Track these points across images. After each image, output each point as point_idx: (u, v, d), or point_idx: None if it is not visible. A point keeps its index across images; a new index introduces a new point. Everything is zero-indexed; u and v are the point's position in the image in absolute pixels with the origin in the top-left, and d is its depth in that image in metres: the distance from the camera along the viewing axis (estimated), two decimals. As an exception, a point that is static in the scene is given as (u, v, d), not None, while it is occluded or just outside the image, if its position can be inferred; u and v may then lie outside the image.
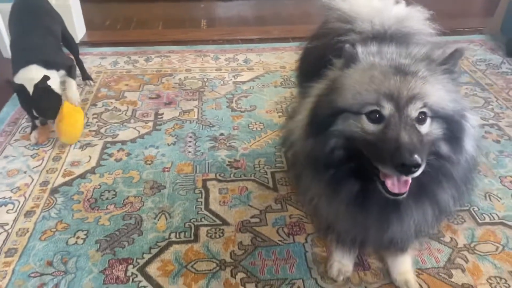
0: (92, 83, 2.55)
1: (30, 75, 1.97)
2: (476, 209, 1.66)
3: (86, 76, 2.56)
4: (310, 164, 1.09)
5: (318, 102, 1.06)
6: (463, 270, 1.42)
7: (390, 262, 1.40)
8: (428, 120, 0.96)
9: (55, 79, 2.07)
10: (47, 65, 2.06)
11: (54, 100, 2.02)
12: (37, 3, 2.31)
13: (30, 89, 1.93)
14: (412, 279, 1.37)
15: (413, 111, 0.94)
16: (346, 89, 0.99)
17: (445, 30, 1.44)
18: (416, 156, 0.87)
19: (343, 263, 1.41)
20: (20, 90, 1.95)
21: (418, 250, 1.47)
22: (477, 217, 1.62)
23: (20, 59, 2.05)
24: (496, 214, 1.64)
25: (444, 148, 1.00)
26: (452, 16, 3.54)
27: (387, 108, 0.94)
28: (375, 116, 0.95)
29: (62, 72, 2.18)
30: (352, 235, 1.21)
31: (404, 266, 1.38)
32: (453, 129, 0.99)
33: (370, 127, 0.95)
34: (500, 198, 1.70)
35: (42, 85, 1.94)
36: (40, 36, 2.16)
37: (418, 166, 0.88)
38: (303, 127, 1.09)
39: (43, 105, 1.98)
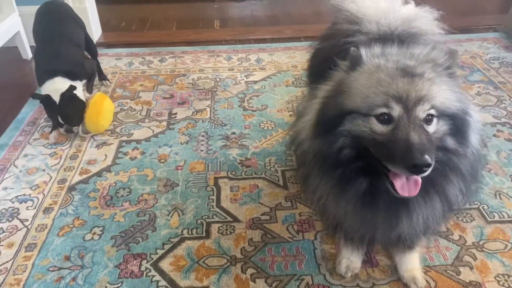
0: (108, 83, 2.62)
1: (56, 86, 2.06)
2: (485, 207, 1.66)
3: (102, 77, 2.62)
4: (318, 164, 1.12)
5: (325, 103, 1.08)
6: (471, 268, 1.43)
7: (397, 259, 1.42)
8: (435, 120, 0.99)
9: (79, 88, 2.15)
10: (72, 76, 2.14)
11: (80, 108, 2.10)
12: (62, 11, 2.35)
13: (56, 99, 2.03)
14: (419, 276, 1.38)
15: (421, 112, 0.97)
16: (354, 92, 1.02)
17: (458, 28, 1.44)
18: (426, 156, 0.91)
19: (351, 260, 1.43)
20: (46, 100, 2.04)
21: (426, 247, 1.49)
22: (486, 215, 1.63)
23: (46, 69, 2.11)
24: (506, 213, 1.64)
25: (450, 142, 1.03)
26: (466, 14, 3.52)
27: (396, 110, 0.97)
28: (384, 118, 0.98)
29: (85, 81, 2.28)
30: (360, 232, 1.23)
31: (411, 263, 1.40)
32: (458, 124, 1.02)
33: (379, 128, 0.98)
34: (510, 197, 1.71)
35: (69, 94, 2.03)
36: (65, 45, 2.21)
37: (429, 165, 0.92)
38: (311, 128, 1.11)
39: (69, 113, 2.07)
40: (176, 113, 2.32)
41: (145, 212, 1.69)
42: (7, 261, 1.50)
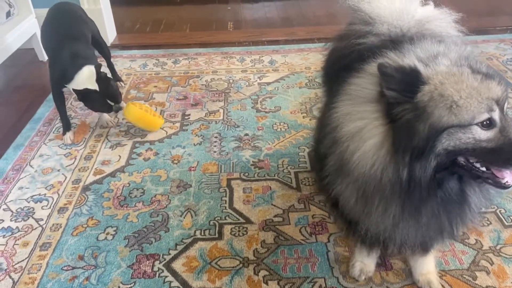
0: (123, 85, 2.64)
1: (88, 74, 2.05)
2: (502, 211, 1.63)
3: (117, 78, 2.64)
4: (401, 192, 1.02)
5: (401, 129, 0.98)
6: (487, 273, 1.41)
7: (412, 263, 1.40)
8: None
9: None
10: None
11: (114, 83, 2.14)
12: (73, 11, 2.36)
13: (93, 87, 2.02)
14: (435, 279, 1.36)
15: (506, 109, 0.98)
16: (448, 106, 0.94)
17: (474, 29, 1.42)
18: None
19: (365, 263, 1.42)
20: (86, 93, 2.02)
21: (441, 251, 1.47)
22: (503, 219, 1.60)
23: (71, 64, 2.07)
24: (524, 217, 1.61)
25: None
26: (482, 15, 3.47)
27: (496, 112, 0.95)
28: (487, 123, 0.95)
29: None
30: (390, 237, 1.16)
31: (427, 266, 1.38)
32: None
33: (484, 134, 0.95)
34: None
35: (103, 74, 2.05)
36: (82, 43, 2.21)
37: None
38: (387, 156, 1.00)
39: (113, 90, 2.09)
40: (189, 115, 2.33)
41: (158, 212, 1.70)
42: (22, 260, 1.52)
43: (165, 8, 4.06)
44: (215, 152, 2.03)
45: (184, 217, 1.67)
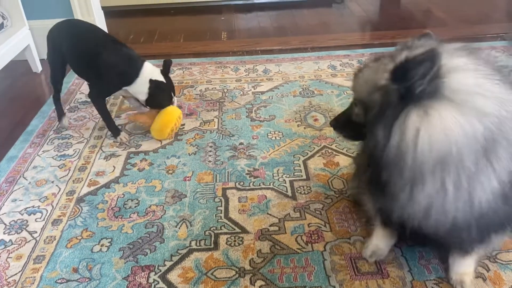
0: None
1: (150, 69, 2.14)
2: (498, 217, 1.64)
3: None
4: None
5: None
6: (484, 279, 1.40)
7: (451, 261, 1.41)
8: None
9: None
10: None
11: None
12: (86, 22, 2.35)
13: (161, 79, 2.15)
14: (468, 281, 1.37)
15: None
16: None
17: (466, 37, 1.44)
18: None
19: (379, 246, 1.47)
20: (158, 85, 2.14)
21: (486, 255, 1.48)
22: (499, 225, 1.60)
23: (130, 67, 2.12)
24: (519, 222, 1.61)
25: None
26: (474, 23, 3.51)
27: None
28: None
29: None
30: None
31: (464, 267, 1.38)
32: None
33: None
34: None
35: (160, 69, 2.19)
36: (122, 43, 2.23)
37: None
38: None
39: (172, 82, 2.25)
40: (184, 124, 2.33)
41: (153, 223, 1.69)
42: (16, 274, 1.50)
43: (159, 18, 4.08)
44: (210, 161, 2.03)
45: (179, 228, 1.66)
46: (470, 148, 1.00)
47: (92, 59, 2.11)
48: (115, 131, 2.22)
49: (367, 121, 1.16)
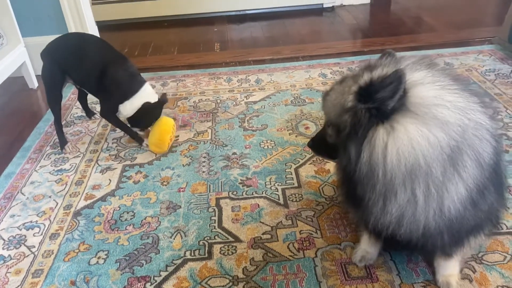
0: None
1: (149, 90, 2.24)
2: (484, 219, 1.68)
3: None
4: None
5: None
6: (470, 280, 1.44)
7: (436, 264, 1.45)
8: None
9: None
10: None
11: None
12: (91, 35, 2.41)
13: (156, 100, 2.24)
14: (454, 282, 1.41)
15: None
16: None
17: (453, 42, 1.47)
18: None
19: (368, 251, 1.51)
20: (157, 105, 2.25)
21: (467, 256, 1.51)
22: (485, 227, 1.64)
23: (132, 84, 2.18)
24: (505, 224, 1.65)
25: None
26: (461, 28, 3.57)
27: None
28: None
29: None
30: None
31: (449, 269, 1.42)
32: None
33: None
34: (508, 208, 1.72)
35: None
36: (125, 59, 2.26)
37: None
38: None
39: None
40: (178, 136, 2.37)
41: (149, 235, 1.73)
42: (15, 288, 1.54)
43: (153, 31, 4.14)
44: (203, 172, 2.07)
45: (174, 238, 1.70)
46: (437, 158, 1.04)
47: (100, 74, 2.16)
48: (139, 139, 2.29)
49: (340, 141, 1.20)
